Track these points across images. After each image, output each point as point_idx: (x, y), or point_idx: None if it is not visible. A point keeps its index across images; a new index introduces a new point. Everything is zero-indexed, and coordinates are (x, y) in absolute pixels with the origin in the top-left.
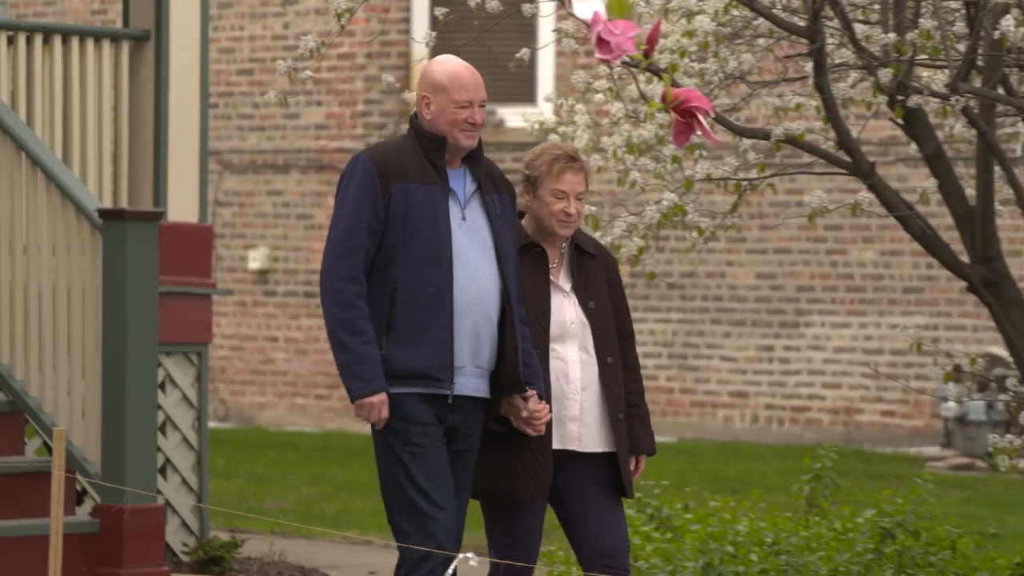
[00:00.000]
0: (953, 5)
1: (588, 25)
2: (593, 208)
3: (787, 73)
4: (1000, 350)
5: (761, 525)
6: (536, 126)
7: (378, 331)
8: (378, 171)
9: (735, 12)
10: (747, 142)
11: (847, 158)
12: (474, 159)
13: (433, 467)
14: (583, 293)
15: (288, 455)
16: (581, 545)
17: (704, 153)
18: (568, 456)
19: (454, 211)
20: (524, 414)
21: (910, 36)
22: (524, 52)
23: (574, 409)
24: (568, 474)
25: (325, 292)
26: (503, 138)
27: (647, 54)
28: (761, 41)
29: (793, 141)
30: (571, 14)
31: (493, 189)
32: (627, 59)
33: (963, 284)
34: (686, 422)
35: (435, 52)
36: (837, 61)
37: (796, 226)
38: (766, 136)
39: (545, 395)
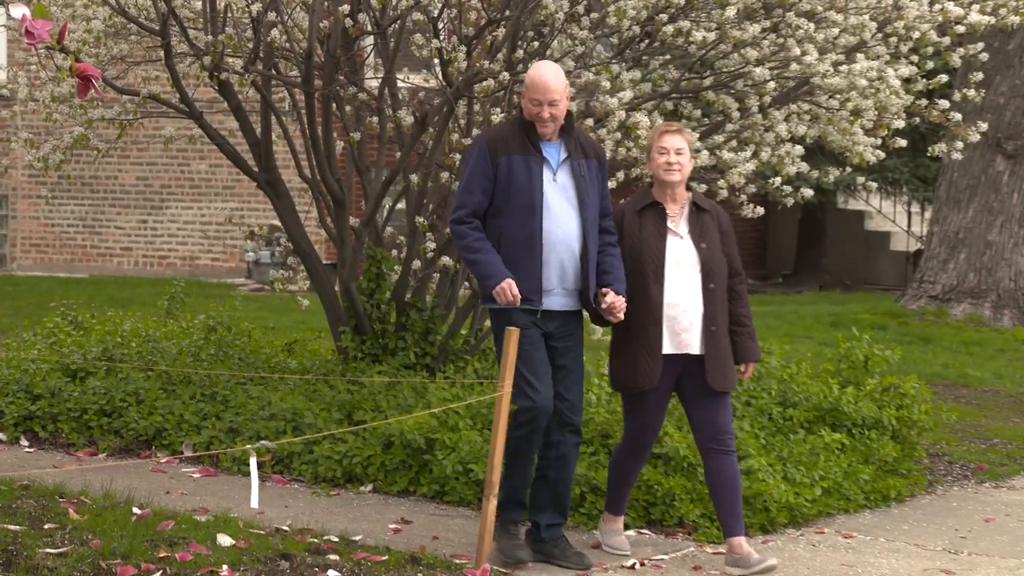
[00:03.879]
0: (246, 21)
1: (20, 22)
2: (30, 136)
3: (150, 57)
4: (277, 222)
5: (139, 325)
6: None
7: None
8: (489, 148)
9: (117, 19)
10: (126, 98)
11: (187, 109)
12: (567, 133)
13: (532, 358)
14: (697, 237)
15: None
16: (695, 424)
17: (100, 103)
18: (684, 358)
19: (547, 174)
20: (604, 307)
21: (221, 37)
22: None
23: (685, 323)
24: (686, 370)
25: (453, 228)
26: None
27: (59, 41)
28: (133, 37)
29: (155, 98)
30: (10, 16)
31: (582, 156)
32: (47, 45)
33: (255, 184)
34: (93, 265)
35: None
36: (179, 51)
37: (160, 149)
38: (137, 94)
39: (627, 294)
